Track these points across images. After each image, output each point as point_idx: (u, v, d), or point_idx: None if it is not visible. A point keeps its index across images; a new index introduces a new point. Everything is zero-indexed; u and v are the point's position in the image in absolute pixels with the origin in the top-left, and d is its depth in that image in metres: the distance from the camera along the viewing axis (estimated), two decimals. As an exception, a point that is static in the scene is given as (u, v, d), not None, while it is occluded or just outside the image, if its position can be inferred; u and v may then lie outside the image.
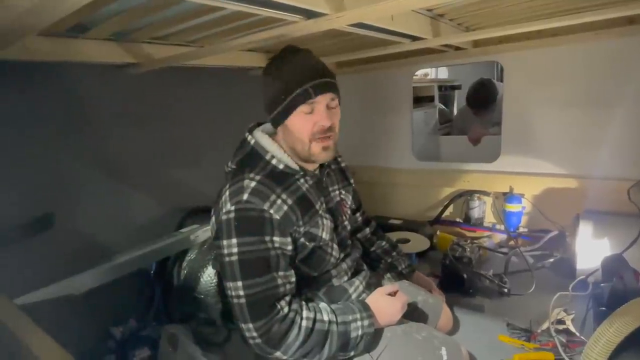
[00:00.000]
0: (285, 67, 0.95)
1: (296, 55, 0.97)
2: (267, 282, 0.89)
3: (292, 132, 0.96)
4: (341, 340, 0.92)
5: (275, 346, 0.89)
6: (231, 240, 0.89)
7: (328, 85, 0.95)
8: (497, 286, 1.51)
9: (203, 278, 1.44)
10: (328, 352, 0.92)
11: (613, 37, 1.60)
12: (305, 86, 0.92)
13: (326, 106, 0.96)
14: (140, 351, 1.36)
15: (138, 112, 1.62)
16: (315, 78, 0.93)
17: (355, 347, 0.95)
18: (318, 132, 0.95)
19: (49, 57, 1.19)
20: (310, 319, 0.92)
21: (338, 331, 0.92)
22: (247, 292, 0.89)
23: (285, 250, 0.93)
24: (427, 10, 1.31)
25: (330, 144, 0.98)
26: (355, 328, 0.94)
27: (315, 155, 0.98)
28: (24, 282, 1.20)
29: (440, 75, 3.80)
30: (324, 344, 0.91)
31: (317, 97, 0.93)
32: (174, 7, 1.04)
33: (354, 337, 0.94)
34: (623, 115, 1.64)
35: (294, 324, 0.90)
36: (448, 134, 3.36)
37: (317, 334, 0.91)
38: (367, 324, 0.96)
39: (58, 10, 0.72)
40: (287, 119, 0.95)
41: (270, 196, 0.92)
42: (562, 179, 1.81)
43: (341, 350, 0.94)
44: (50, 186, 1.36)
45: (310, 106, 0.94)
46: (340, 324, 0.93)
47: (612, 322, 0.82)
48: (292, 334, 0.89)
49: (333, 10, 0.97)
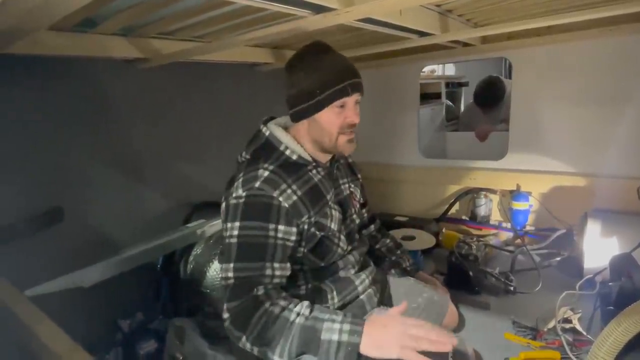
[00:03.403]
0: (322, 63, 0.99)
1: (329, 53, 1.01)
2: (257, 269, 0.89)
3: (322, 125, 1.00)
4: (305, 336, 0.80)
5: (240, 328, 0.85)
6: (235, 223, 0.92)
7: (360, 85, 1.02)
8: (503, 284, 1.50)
9: (209, 272, 1.45)
10: (289, 347, 0.80)
11: (623, 34, 1.57)
12: (344, 84, 0.97)
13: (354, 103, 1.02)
14: (147, 344, 1.38)
15: (146, 107, 1.63)
16: (352, 77, 0.99)
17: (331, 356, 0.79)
18: (346, 127, 1.01)
19: (58, 51, 1.20)
20: (279, 306, 0.85)
21: (304, 325, 0.81)
22: (235, 275, 0.89)
23: (287, 241, 0.94)
24: (436, 5, 1.30)
25: (353, 137, 1.04)
26: (329, 329, 0.80)
27: (342, 147, 1.03)
28: (33, 275, 1.22)
29: (448, 71, 3.78)
30: (285, 335, 0.81)
31: (352, 95, 0.99)
32: (183, 2, 1.04)
33: (326, 340, 0.79)
34: (632, 113, 1.62)
35: (261, 306, 0.84)
36: (455, 130, 3.34)
37: (280, 322, 0.82)
38: (348, 329, 0.80)
39: (68, 5, 0.73)
40: (317, 112, 0.99)
41: (281, 185, 0.94)
42: (570, 177, 1.80)
43: (309, 352, 0.81)
44: (59, 180, 1.38)
45: (343, 103, 0.99)
46: (310, 318, 0.82)
47: (620, 322, 0.82)
48: (256, 316, 0.83)
49: (342, 5, 0.97)
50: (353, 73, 1.00)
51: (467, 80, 3.82)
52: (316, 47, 1.02)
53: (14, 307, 0.94)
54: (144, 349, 1.37)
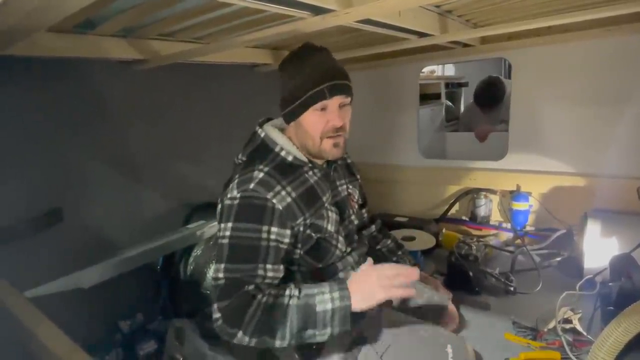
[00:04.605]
0: (304, 66, 0.99)
1: (315, 55, 1.00)
2: (248, 270, 0.90)
3: (305, 128, 0.99)
4: (302, 313, 0.85)
5: (234, 324, 0.85)
6: (228, 223, 0.92)
7: (342, 87, 0.98)
8: (503, 284, 1.50)
9: (209, 274, 1.45)
10: (290, 329, 0.85)
11: (624, 34, 1.57)
12: (322, 87, 0.95)
13: (338, 106, 0.99)
14: (147, 345, 1.38)
15: (145, 108, 1.63)
16: (331, 80, 0.96)
17: (328, 324, 0.85)
18: (329, 130, 0.99)
19: (58, 53, 1.20)
20: (271, 295, 0.87)
21: (298, 305, 0.86)
22: (226, 275, 0.89)
23: (280, 243, 0.94)
24: (435, 6, 1.30)
25: (340, 141, 1.01)
26: (322, 301, 0.86)
27: (327, 152, 1.01)
28: (33, 276, 1.22)
29: (447, 72, 3.78)
30: (284, 320, 0.85)
31: (331, 98, 0.96)
32: (182, 3, 1.04)
33: (322, 312, 0.85)
34: (633, 113, 1.62)
35: (254, 300, 0.86)
36: (455, 131, 3.34)
37: (276, 310, 0.85)
38: (338, 297, 0.86)
39: (67, 6, 0.73)
40: (301, 115, 0.98)
41: (276, 187, 0.95)
42: (570, 177, 1.79)
43: (308, 327, 0.85)
44: (58, 181, 1.38)
45: (323, 106, 0.97)
46: (302, 297, 0.87)
47: (620, 322, 0.81)
48: (251, 310, 0.85)
49: (341, 6, 0.97)
50: (333, 75, 0.98)
51: (466, 81, 3.82)
52: (303, 50, 1.02)
53: (14, 308, 0.94)
54: (143, 350, 1.37)
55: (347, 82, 1.00)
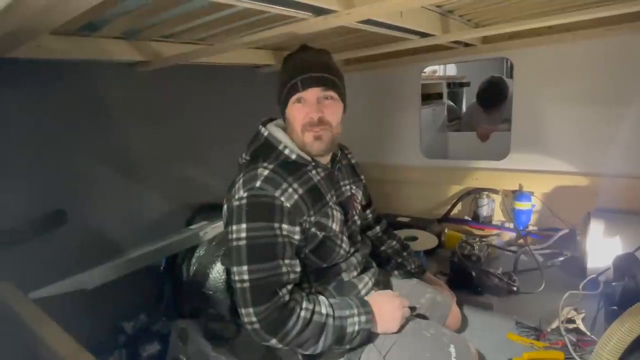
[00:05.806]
0: (288, 64, 1.03)
1: (302, 53, 1.04)
2: (272, 268, 0.90)
3: (290, 122, 1.03)
4: (337, 334, 0.93)
5: (272, 333, 0.89)
6: (241, 225, 0.91)
7: (319, 79, 0.99)
8: (506, 284, 1.50)
9: (212, 274, 1.46)
10: (323, 345, 0.92)
11: (625, 33, 1.57)
12: (296, 79, 0.98)
13: (317, 99, 0.99)
14: (150, 346, 1.38)
15: (148, 110, 1.63)
16: (306, 72, 0.98)
17: (350, 342, 0.95)
18: (308, 123, 1.00)
19: (61, 55, 1.21)
20: (309, 310, 0.92)
21: (334, 325, 0.93)
22: (251, 277, 0.89)
23: (292, 239, 0.95)
24: (437, 6, 1.30)
25: (321, 134, 1.00)
26: (352, 323, 0.94)
27: (309, 145, 1.01)
28: (37, 277, 1.22)
29: (449, 72, 3.78)
30: (319, 336, 0.92)
31: (305, 90, 0.98)
32: (184, 5, 1.05)
33: (350, 332, 0.94)
34: (635, 111, 1.62)
35: (293, 313, 0.90)
36: (457, 131, 3.34)
37: (314, 326, 0.91)
38: (364, 320, 0.96)
39: (71, 9, 0.73)
40: (285, 111, 1.03)
41: (282, 184, 0.95)
42: (573, 176, 1.79)
43: (336, 344, 0.94)
44: (61, 183, 1.39)
45: (299, 98, 0.99)
46: (337, 318, 0.93)
47: (623, 322, 0.81)
48: (290, 323, 0.89)
49: (342, 7, 0.97)
50: (310, 68, 0.98)
51: (468, 81, 3.82)
52: (296, 50, 1.06)
53: (19, 309, 0.95)
54: (147, 351, 1.37)
55: (326, 75, 0.99)
